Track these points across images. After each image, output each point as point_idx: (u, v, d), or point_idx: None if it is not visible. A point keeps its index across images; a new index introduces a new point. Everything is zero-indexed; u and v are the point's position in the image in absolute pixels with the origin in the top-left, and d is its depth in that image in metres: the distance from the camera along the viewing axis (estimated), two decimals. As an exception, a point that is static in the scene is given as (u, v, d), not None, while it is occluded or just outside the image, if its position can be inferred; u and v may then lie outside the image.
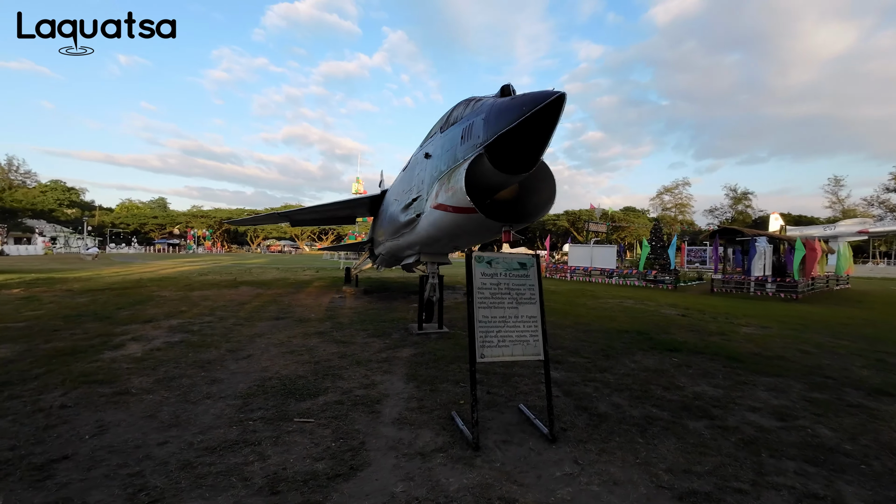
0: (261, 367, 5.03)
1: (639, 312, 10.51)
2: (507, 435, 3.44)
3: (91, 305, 9.45)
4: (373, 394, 4.24)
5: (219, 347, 5.93)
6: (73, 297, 10.69)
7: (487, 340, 3.42)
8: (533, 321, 3.59)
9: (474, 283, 3.50)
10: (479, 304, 3.47)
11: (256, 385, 4.38)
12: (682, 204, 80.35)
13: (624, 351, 6.33)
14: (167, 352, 5.62)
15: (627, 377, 5.02)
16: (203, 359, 5.31)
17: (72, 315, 8.19)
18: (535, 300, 3.65)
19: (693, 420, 3.81)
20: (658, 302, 13.00)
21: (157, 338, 6.42)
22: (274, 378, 4.63)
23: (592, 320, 9.06)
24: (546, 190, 4.44)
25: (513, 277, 3.64)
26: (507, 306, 3.56)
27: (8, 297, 10.62)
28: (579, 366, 5.45)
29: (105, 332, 6.73)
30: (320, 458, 2.93)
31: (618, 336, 7.42)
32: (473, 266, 3.54)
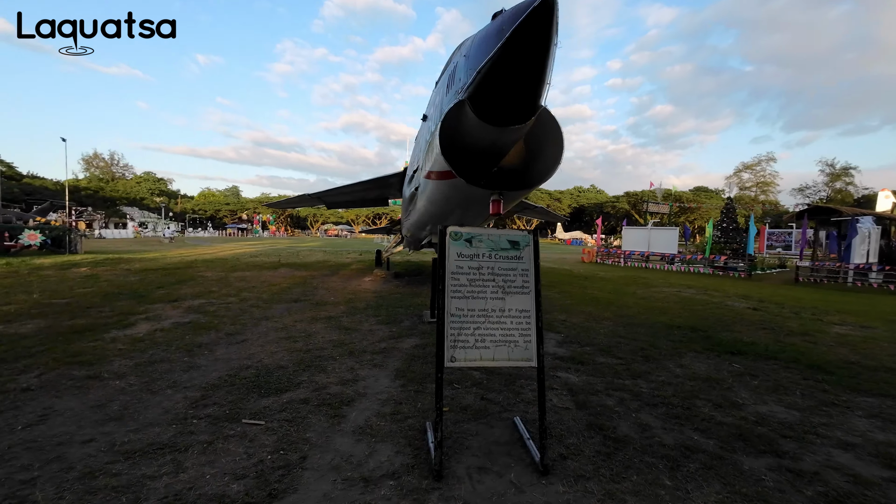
0: (247, 354, 4.70)
1: (698, 304, 9.03)
2: (486, 459, 2.71)
3: (136, 284, 9.95)
4: (348, 392, 3.69)
5: (220, 330, 5.74)
6: (126, 277, 11.42)
7: (461, 339, 2.68)
8: (524, 316, 2.78)
9: (447, 265, 2.75)
10: (453, 292, 2.72)
11: (230, 375, 4.02)
12: (764, 182, 71.35)
13: (669, 351, 5.23)
14: (168, 333, 5.51)
15: (667, 387, 4.01)
16: (196, 342, 5.11)
17: (112, 293, 8.60)
18: (528, 289, 2.82)
19: (751, 457, 2.80)
20: (725, 292, 11.23)
21: (170, 318, 6.42)
22: (252, 367, 4.25)
23: (638, 312, 7.85)
24: (550, 148, 3.48)
25: (500, 260, 2.83)
26: (490, 296, 2.77)
27: (74, 275, 11.59)
28: (607, 369, 4.50)
29: (129, 310, 6.88)
30: (243, 475, 2.42)
31: (665, 332, 6.25)
32: (448, 244, 2.79)
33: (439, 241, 2.78)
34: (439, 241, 2.78)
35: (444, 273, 2.73)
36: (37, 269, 12.48)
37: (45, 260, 15.06)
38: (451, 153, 3.34)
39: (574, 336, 5.88)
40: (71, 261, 14.91)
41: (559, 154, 3.43)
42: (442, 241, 2.78)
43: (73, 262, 14.60)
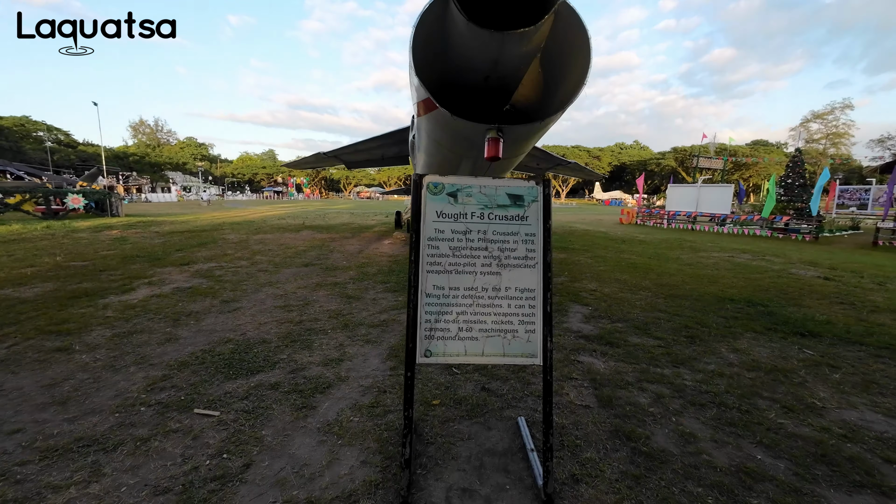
0: (234, 325, 4.31)
1: (755, 272, 7.85)
2: (475, 476, 2.11)
3: (158, 247, 9.98)
4: (328, 375, 3.19)
5: (217, 297, 5.42)
6: (151, 239, 11.55)
7: (440, 328, 2.02)
8: (527, 298, 2.06)
9: (423, 228, 2.04)
10: (430, 265, 2.03)
11: (205, 350, 3.63)
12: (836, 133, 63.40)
13: (721, 331, 4.35)
14: (163, 299, 5.25)
15: (718, 380, 3.22)
16: (187, 310, 4.79)
17: (132, 256, 8.60)
18: (534, 261, 2.07)
19: (841, 492, 2.04)
20: (788, 258, 9.82)
21: (174, 282, 6.20)
22: (233, 341, 3.84)
23: (682, 281, 6.85)
24: (572, 62, 2.54)
25: (496, 221, 2.08)
26: (480, 270, 2.06)
27: (105, 237, 11.88)
28: (642, 352, 3.73)
29: (138, 274, 6.75)
30: (166, 489, 1.96)
31: (715, 306, 5.31)
32: (424, 200, 2.06)
33: (412, 195, 2.06)
34: (412, 195, 2.06)
35: (419, 239, 2.03)
36: (73, 231, 12.92)
37: (85, 223, 15.68)
38: (426, 70, 2.51)
39: (604, 309, 5.09)
40: (107, 223, 15.43)
41: (584, 72, 2.50)
42: (416, 195, 2.05)
43: (109, 224, 15.09)
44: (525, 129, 2.83)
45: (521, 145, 3.07)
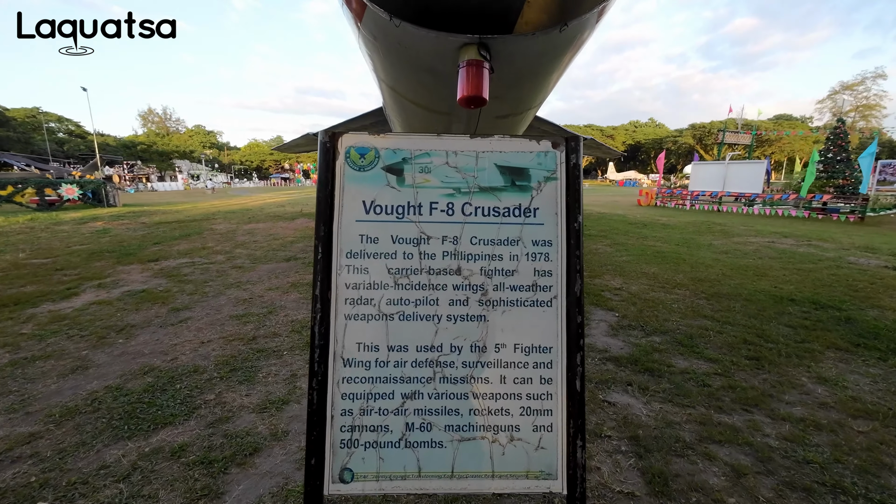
0: (168, 346, 3.45)
1: (807, 261, 6.71)
2: None
3: (137, 240, 9.23)
4: (260, 429, 2.30)
5: (169, 303, 4.58)
6: (134, 231, 10.82)
7: (368, 426, 1.07)
8: (537, 364, 1.09)
9: (336, 236, 1.08)
10: (353, 304, 1.07)
11: (111, 387, 2.77)
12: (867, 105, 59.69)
13: (794, 347, 3.33)
14: (104, 307, 4.42)
15: (815, 434, 2.23)
16: (122, 323, 3.95)
17: (102, 250, 7.85)
18: (549, 294, 1.09)
19: None
20: (838, 242, 8.61)
21: (128, 284, 5.38)
22: (154, 372, 2.98)
23: (723, 274, 5.78)
24: None
25: (476, 220, 1.10)
26: (448, 314, 1.09)
27: (87, 230, 11.18)
28: (694, 384, 2.75)
29: (95, 274, 5.96)
30: None
31: (775, 309, 4.27)
32: (340, 180, 1.09)
33: (319, 171, 1.09)
34: (319, 171, 1.09)
35: (328, 257, 1.07)
36: (56, 223, 12.28)
37: (75, 214, 15.08)
38: None
39: (634, 316, 4.09)
40: (95, 215, 14.80)
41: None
42: (325, 169, 1.08)
43: (97, 216, 14.45)
44: (533, 43, 1.66)
45: (527, 81, 1.93)
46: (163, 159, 72.42)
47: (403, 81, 2.24)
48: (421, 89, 2.19)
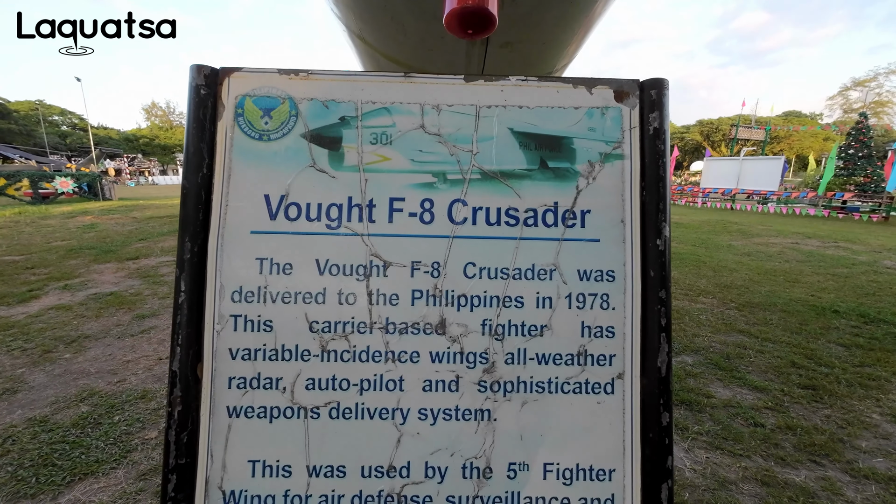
0: (120, 363, 2.98)
1: (840, 265, 6.16)
2: None
3: (122, 236, 8.80)
4: (202, 485, 1.81)
5: (136, 308, 4.12)
6: (122, 226, 10.40)
7: None
8: (585, 499, 0.58)
9: (213, 268, 0.57)
10: (235, 393, 0.57)
11: (34, 420, 2.30)
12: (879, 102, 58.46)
13: (853, 374, 2.81)
14: (62, 314, 3.96)
15: (917, 506, 1.72)
16: (76, 333, 3.48)
17: (83, 247, 7.42)
18: (609, 372, 0.59)
19: None
20: (866, 244, 8.04)
21: (98, 286, 4.93)
22: (95, 397, 2.51)
23: (751, 279, 5.25)
24: None
25: (478, 235, 0.60)
26: (419, 404, 0.59)
27: (73, 224, 10.76)
28: (744, 424, 2.25)
29: (66, 273, 5.51)
30: None
31: (819, 322, 3.74)
32: (222, 160, 0.58)
33: (187, 137, 0.59)
34: (187, 137, 0.59)
35: (203, 300, 0.56)
36: (44, 217, 11.88)
37: (67, 207, 14.69)
38: None
39: (658, 330, 3.58)
40: (87, 209, 14.39)
41: None
42: (198, 137, 0.58)
43: (87, 209, 14.03)
44: None
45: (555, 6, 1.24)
46: (165, 153, 72.15)
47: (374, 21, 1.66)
48: (398, 33, 1.60)
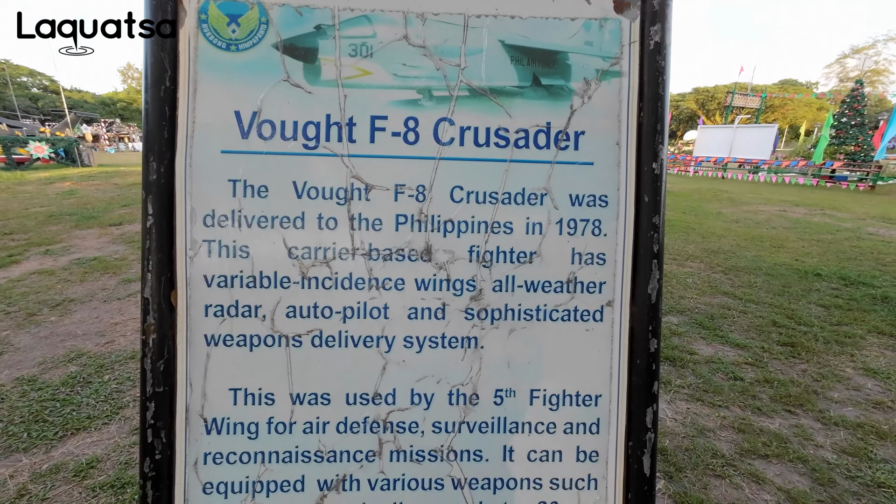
0: (107, 325, 2.96)
1: (824, 231, 6.27)
2: None
3: (103, 202, 8.56)
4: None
5: (122, 272, 4.06)
6: (104, 192, 10.10)
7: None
8: (571, 424, 0.59)
9: (182, 190, 0.53)
10: (212, 321, 0.55)
11: (28, 378, 2.29)
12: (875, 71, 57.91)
13: (831, 332, 2.91)
14: (45, 278, 3.88)
15: (878, 445, 1.83)
16: (61, 297, 3.43)
17: (62, 213, 7.22)
18: (598, 300, 0.58)
19: None
20: (851, 212, 8.17)
21: (81, 251, 4.82)
22: (83, 357, 2.50)
23: (738, 245, 5.34)
24: None
25: (466, 157, 0.56)
26: (405, 332, 0.57)
27: (52, 191, 10.41)
28: (724, 377, 2.33)
29: (47, 238, 5.37)
30: None
31: (801, 285, 3.84)
32: (186, 72, 0.53)
33: (145, 51, 0.53)
34: (145, 51, 0.53)
35: (173, 223, 0.53)
36: (21, 183, 11.46)
37: (44, 173, 14.16)
38: None
39: (646, 292, 3.64)
40: (65, 174, 13.89)
41: None
42: (159, 47, 0.52)
43: (65, 175, 13.55)
44: None
45: None
46: (145, 118, 69.22)
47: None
48: None
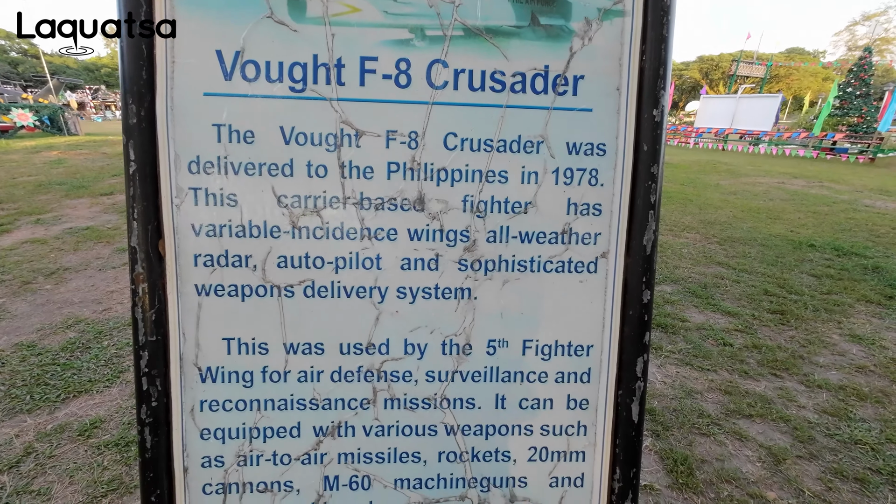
0: (104, 293, 2.96)
1: (821, 203, 6.27)
2: None
3: (93, 172, 8.39)
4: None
5: (116, 241, 4.02)
6: (93, 162, 9.87)
7: (252, 478, 0.59)
8: (563, 373, 0.60)
9: (165, 134, 0.51)
10: (202, 270, 0.54)
11: (28, 343, 2.31)
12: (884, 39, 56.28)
13: (820, 300, 2.97)
14: (38, 247, 3.85)
15: (859, 406, 1.90)
16: (55, 266, 3.41)
17: (52, 182, 7.08)
18: (593, 251, 0.57)
19: None
20: (850, 184, 8.15)
21: (73, 220, 4.76)
22: (82, 324, 2.52)
23: (734, 216, 5.34)
24: None
25: (460, 101, 0.54)
26: (397, 282, 0.57)
27: (40, 160, 10.17)
28: (714, 343, 2.39)
29: (38, 208, 5.27)
30: None
31: (794, 256, 3.88)
32: (162, 6, 0.50)
33: None
34: None
35: (157, 171, 0.51)
36: (4, 153, 11.17)
37: (29, 142, 13.78)
38: None
39: (641, 262, 3.67)
40: (52, 143, 13.53)
41: None
42: None
43: (53, 144, 13.21)
44: None
45: None
46: (131, 85, 66.83)
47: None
48: None
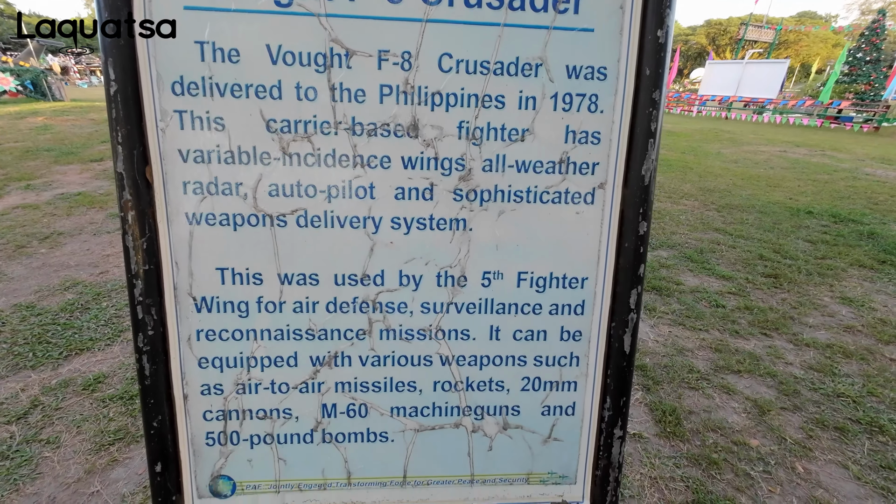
0: (99, 256, 2.95)
1: (822, 171, 6.22)
2: None
3: (81, 138, 8.19)
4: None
5: (109, 206, 3.98)
6: (81, 128, 9.63)
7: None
8: (556, 306, 0.60)
9: (145, 53, 0.48)
10: (192, 198, 0.53)
11: (26, 304, 2.32)
12: (901, 2, 54.16)
13: (814, 264, 3.00)
14: (30, 212, 3.80)
15: (844, 363, 1.96)
16: (49, 230, 3.38)
17: (39, 149, 6.92)
18: (591, 181, 0.56)
19: None
20: (852, 153, 8.06)
21: (63, 186, 4.68)
22: (79, 286, 2.52)
23: (734, 184, 5.31)
24: None
25: (455, 19, 0.51)
26: (392, 211, 0.56)
27: (25, 126, 9.88)
28: (707, 305, 2.43)
29: (27, 174, 5.17)
30: None
31: (791, 222, 3.88)
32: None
33: None
34: None
35: (139, 90, 0.49)
36: (-10, 118, 10.83)
37: (12, 108, 13.35)
38: None
39: (639, 228, 3.66)
40: (37, 109, 13.12)
41: None
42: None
43: (38, 110, 12.81)
44: None
45: None
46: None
47: None
48: None
